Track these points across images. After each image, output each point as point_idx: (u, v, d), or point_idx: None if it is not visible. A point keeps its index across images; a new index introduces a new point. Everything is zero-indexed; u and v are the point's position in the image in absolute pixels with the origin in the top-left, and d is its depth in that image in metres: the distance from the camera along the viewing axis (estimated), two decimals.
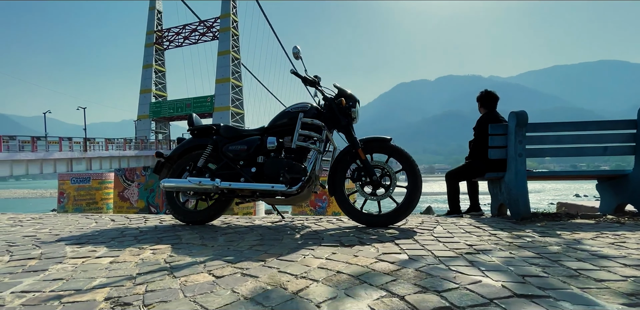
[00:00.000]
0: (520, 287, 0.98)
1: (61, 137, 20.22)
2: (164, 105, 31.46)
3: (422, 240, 1.67)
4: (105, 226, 2.28)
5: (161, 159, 2.46)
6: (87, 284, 1.08)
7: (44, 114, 25.50)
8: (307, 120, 2.17)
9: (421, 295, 0.92)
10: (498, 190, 2.99)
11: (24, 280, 1.14)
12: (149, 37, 33.42)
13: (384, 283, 1.03)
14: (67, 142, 20.64)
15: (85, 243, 1.72)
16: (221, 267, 1.24)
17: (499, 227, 2.04)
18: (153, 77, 32.45)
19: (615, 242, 1.60)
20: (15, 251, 1.56)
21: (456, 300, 0.88)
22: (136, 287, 1.04)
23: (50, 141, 19.69)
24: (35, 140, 18.86)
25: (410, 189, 2.11)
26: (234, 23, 31.28)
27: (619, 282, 1.02)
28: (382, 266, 1.21)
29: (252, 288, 1.02)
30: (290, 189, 2.09)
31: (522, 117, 2.64)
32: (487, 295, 0.91)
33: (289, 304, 0.89)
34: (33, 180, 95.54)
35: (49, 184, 61.92)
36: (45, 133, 24.08)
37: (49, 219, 2.75)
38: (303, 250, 1.49)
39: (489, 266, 1.19)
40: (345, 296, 0.94)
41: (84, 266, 1.30)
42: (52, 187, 17.24)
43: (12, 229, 2.22)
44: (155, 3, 34.19)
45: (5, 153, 17.15)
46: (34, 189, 49.88)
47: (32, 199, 34.77)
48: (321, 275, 1.13)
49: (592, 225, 2.12)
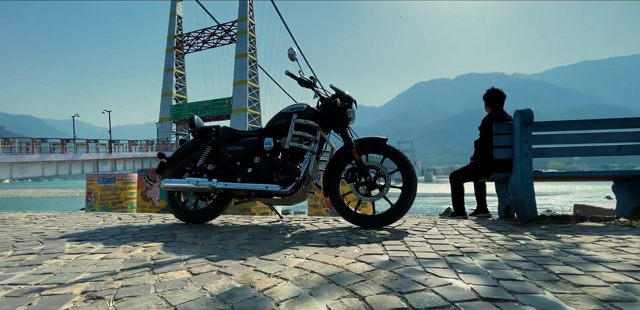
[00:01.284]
0: (489, 290, 0.95)
1: (88, 140, 21.23)
2: (184, 107, 32.41)
3: (410, 241, 1.64)
4: (110, 224, 2.39)
5: (163, 159, 2.55)
6: (71, 278, 1.14)
7: (73, 118, 26.88)
8: (301, 121, 2.18)
9: (382, 296, 0.91)
10: (505, 192, 2.90)
11: (16, 273, 1.21)
12: (169, 42, 34.55)
13: (351, 283, 1.02)
14: (94, 144, 21.65)
15: (86, 240, 1.81)
16: (201, 265, 1.28)
17: (496, 230, 1.98)
18: (174, 81, 33.51)
19: (616, 246, 1.51)
20: (20, 246, 1.66)
21: (415, 302, 0.87)
22: (114, 282, 1.09)
23: (78, 143, 20.72)
24: (64, 142, 19.89)
25: (405, 189, 2.08)
26: (250, 26, 31.81)
27: (599, 288, 0.97)
28: (358, 267, 1.20)
29: (221, 285, 1.04)
30: (284, 189, 2.11)
31: (528, 116, 2.55)
32: (450, 298, 0.89)
33: (250, 302, 0.91)
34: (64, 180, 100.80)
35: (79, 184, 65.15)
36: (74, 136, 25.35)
37: (62, 216, 2.90)
38: (287, 250, 1.50)
39: (467, 269, 1.16)
40: (309, 295, 0.94)
41: (75, 262, 1.37)
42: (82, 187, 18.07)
43: (25, 226, 2.36)
44: (175, 8, 35.29)
45: (37, 155, 18.20)
46: (65, 189, 52.56)
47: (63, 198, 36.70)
48: (293, 274, 1.13)
49: (599, 229, 2.01)
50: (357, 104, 2.43)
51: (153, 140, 27.68)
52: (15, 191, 48.27)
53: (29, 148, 18.26)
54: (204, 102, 31.74)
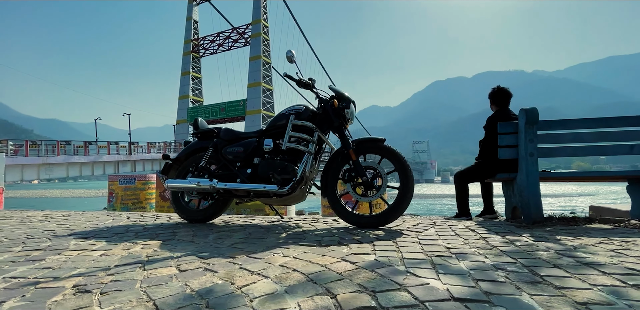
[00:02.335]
0: (464, 291, 0.94)
1: (109, 142, 22.05)
2: (200, 110, 33.13)
3: (402, 242, 1.64)
4: (118, 223, 2.49)
5: (168, 160, 2.63)
6: (67, 273, 1.20)
7: (95, 121, 28.03)
8: (298, 122, 2.21)
9: (354, 295, 0.92)
10: (511, 192, 2.83)
11: (19, 268, 1.29)
12: (186, 45, 35.45)
13: (329, 282, 1.04)
14: (115, 146, 22.46)
15: (91, 237, 1.90)
16: (190, 262, 1.32)
17: (495, 231, 1.94)
18: (190, 84, 34.34)
19: (617, 249, 1.46)
20: (29, 243, 1.76)
21: (385, 301, 0.87)
22: (105, 277, 1.14)
23: (100, 145, 21.55)
24: (87, 144, 20.74)
25: (402, 190, 2.08)
26: (264, 29, 32.21)
27: (581, 291, 0.95)
28: (341, 266, 1.21)
29: (203, 282, 1.08)
30: (282, 189, 2.14)
31: (532, 114, 2.49)
32: (421, 298, 0.89)
33: (225, 298, 0.94)
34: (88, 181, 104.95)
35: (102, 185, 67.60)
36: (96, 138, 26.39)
37: (76, 215, 3.04)
38: (277, 249, 1.53)
39: (449, 270, 1.15)
40: (283, 293, 0.96)
41: (76, 258, 1.44)
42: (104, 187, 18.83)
43: (39, 224, 2.49)
44: (192, 13, 36.18)
45: (62, 156, 19.04)
46: (89, 189, 54.66)
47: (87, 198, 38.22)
48: (276, 272, 1.16)
49: (605, 231, 1.94)
50: (355, 104, 2.44)
51: (171, 141, 28.45)
52: (43, 191, 50.61)
53: (55, 150, 19.13)
54: (219, 104, 32.34)
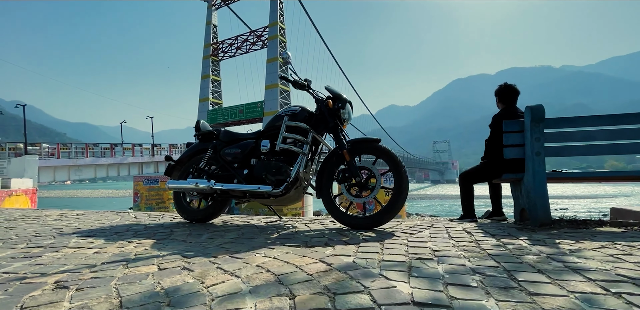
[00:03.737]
0: (428, 295, 0.91)
1: (133, 144, 22.99)
2: (219, 112, 33.89)
3: (390, 244, 1.61)
4: (123, 222, 2.59)
5: (171, 162, 2.71)
6: (55, 269, 1.27)
7: (121, 124, 29.35)
8: (291, 123, 2.22)
9: (313, 296, 0.91)
10: (519, 193, 2.72)
11: (15, 263, 1.37)
12: (206, 49, 36.37)
13: (295, 283, 1.03)
14: (139, 148, 23.39)
15: (92, 236, 1.99)
16: (173, 261, 1.36)
17: (492, 234, 1.87)
18: (210, 87, 35.20)
19: (617, 254, 1.37)
20: (34, 240, 1.86)
21: (340, 303, 0.86)
22: (87, 274, 1.20)
23: (125, 147, 22.49)
24: (113, 147, 21.71)
25: (396, 191, 2.04)
26: (281, 30, 32.53)
27: (554, 298, 0.90)
28: (315, 267, 1.21)
29: (175, 280, 1.10)
30: (275, 190, 2.16)
31: (538, 112, 2.38)
32: (379, 301, 0.87)
33: (188, 296, 0.95)
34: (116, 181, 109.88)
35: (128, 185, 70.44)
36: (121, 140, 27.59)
37: (89, 214, 3.19)
38: (261, 249, 1.54)
39: (424, 273, 1.12)
40: (247, 293, 0.97)
41: (70, 255, 1.51)
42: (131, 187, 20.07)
43: (52, 222, 2.63)
44: (211, 18, 37.10)
45: (90, 158, 20.02)
46: (117, 190, 57.11)
47: (115, 198, 40.00)
48: (248, 272, 1.17)
49: (614, 234, 1.83)
50: (352, 105, 2.42)
51: (191, 143, 29.29)
52: (75, 192, 53.42)
53: (84, 152, 20.15)
54: (237, 106, 32.96)
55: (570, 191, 42.32)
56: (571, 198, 34.97)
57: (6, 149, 18.02)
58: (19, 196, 13.83)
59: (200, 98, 35.43)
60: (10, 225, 2.51)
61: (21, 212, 3.55)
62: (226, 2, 36.38)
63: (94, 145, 20.75)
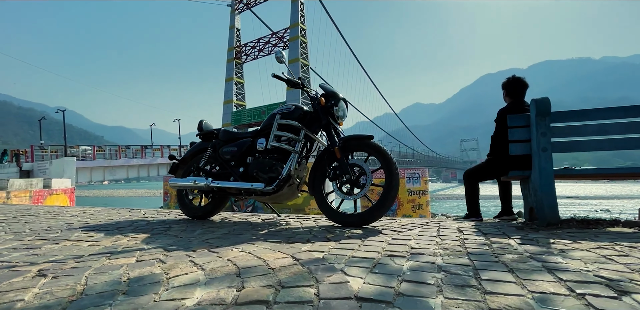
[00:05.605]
0: (376, 291, 0.90)
1: (162, 145, 24.06)
2: (243, 113, 34.68)
3: (370, 241, 1.59)
4: (131, 218, 2.72)
5: (175, 161, 2.82)
6: (44, 259, 1.36)
7: (151, 127, 30.94)
8: (283, 122, 2.24)
9: (260, 289, 0.92)
10: (528, 192, 2.59)
11: (14, 254, 1.48)
12: (229, 53, 37.34)
13: (251, 276, 1.05)
14: (167, 149, 24.46)
15: (95, 230, 2.11)
16: (153, 254, 1.41)
17: (486, 232, 1.80)
18: (234, 89, 36.11)
19: (612, 255, 1.27)
20: (42, 233, 2.01)
21: (282, 296, 0.86)
22: (70, 264, 1.27)
23: (155, 149, 23.58)
24: (143, 148, 22.83)
25: (386, 188, 2.01)
26: (302, 31, 32.78)
27: (506, 297, 0.85)
28: (281, 262, 1.22)
29: (143, 271, 1.15)
30: (268, 187, 2.19)
31: (543, 105, 2.26)
32: (322, 294, 0.87)
33: (147, 286, 0.99)
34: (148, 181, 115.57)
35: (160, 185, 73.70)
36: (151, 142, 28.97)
37: (105, 211, 3.39)
38: (241, 245, 1.57)
39: (386, 270, 1.10)
40: (202, 284, 1.00)
41: (66, 247, 1.62)
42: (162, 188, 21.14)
43: (68, 218, 2.82)
44: (234, 22, 38.04)
45: (123, 159, 21.17)
46: (149, 189, 59.95)
47: (147, 197, 42.10)
48: (215, 265, 1.20)
49: (620, 235, 1.70)
50: (347, 102, 2.41)
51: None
52: (111, 191, 56.72)
53: (117, 154, 21.35)
54: (260, 107, 33.57)
55: (616, 191, 39.38)
56: (613, 198, 32.54)
57: (48, 151, 19.47)
58: (59, 195, 14.87)
59: (225, 100, 36.42)
60: (30, 220, 2.72)
61: (47, 209, 3.83)
62: (249, 5, 37.16)
63: (126, 147, 21.96)
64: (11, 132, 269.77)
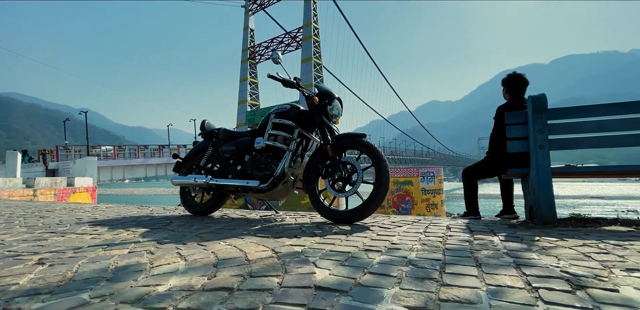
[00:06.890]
0: (336, 281, 0.94)
1: (179, 145, 24.69)
2: (256, 113, 35.13)
3: (355, 236, 1.63)
4: (138, 214, 2.85)
5: (179, 159, 2.93)
6: (47, 250, 1.47)
7: (168, 127, 31.90)
8: (277, 121, 2.30)
9: (229, 278, 0.98)
10: (527, 190, 2.56)
11: (23, 244, 1.61)
12: (244, 53, 37.88)
13: (225, 267, 1.11)
14: (183, 148, 25.07)
15: (101, 225, 2.24)
16: (146, 246, 1.50)
17: (474, 230, 1.80)
18: (248, 89, 36.62)
19: (591, 253, 1.27)
20: (53, 227, 2.15)
21: (247, 284, 0.92)
22: (68, 254, 1.38)
23: (172, 148, 24.22)
24: (161, 148, 23.50)
25: (376, 185, 2.04)
26: (314, 31, 32.86)
27: (459, 289, 0.88)
28: (259, 254, 1.28)
29: (131, 261, 1.24)
30: (262, 184, 2.26)
31: (539, 102, 2.23)
32: (285, 283, 0.92)
33: (129, 273, 1.07)
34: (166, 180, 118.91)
35: None
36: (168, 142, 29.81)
37: (116, 208, 3.55)
38: (231, 239, 1.64)
39: (355, 263, 1.14)
40: (179, 273, 1.07)
41: (70, 240, 1.74)
42: None
43: (80, 213, 2.99)
44: (248, 23, 38.53)
45: (141, 159, 21.87)
46: (167, 188, 61.59)
47: (165, 195, 43.29)
48: (198, 257, 1.27)
49: (612, 233, 1.67)
50: (342, 101, 2.45)
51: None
52: (132, 190, 58.66)
53: (136, 153, 22.08)
54: (273, 106, 33.93)
55: None
56: None
57: (72, 151, 20.37)
58: (82, 193, 15.53)
59: (239, 100, 36.96)
60: (45, 215, 2.89)
61: (64, 205, 4.05)
62: (262, 6, 37.51)
63: (144, 147, 22.69)
64: (39, 133, 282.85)
